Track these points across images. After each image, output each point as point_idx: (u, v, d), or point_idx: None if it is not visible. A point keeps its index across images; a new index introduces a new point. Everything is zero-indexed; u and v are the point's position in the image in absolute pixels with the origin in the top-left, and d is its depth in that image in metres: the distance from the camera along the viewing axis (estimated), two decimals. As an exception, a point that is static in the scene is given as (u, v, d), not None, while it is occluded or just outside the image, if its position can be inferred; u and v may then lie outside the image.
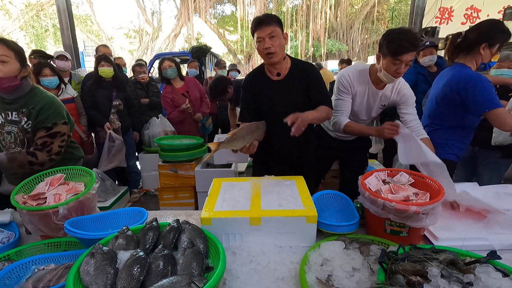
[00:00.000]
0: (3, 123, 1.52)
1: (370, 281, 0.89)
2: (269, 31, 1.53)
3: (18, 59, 1.46)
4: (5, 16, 15.81)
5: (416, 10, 4.98)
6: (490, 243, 1.12)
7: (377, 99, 1.82)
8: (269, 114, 1.68)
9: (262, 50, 1.58)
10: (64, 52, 3.40)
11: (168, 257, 0.89)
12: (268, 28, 1.53)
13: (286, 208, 1.16)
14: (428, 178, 1.24)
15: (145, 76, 3.88)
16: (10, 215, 1.37)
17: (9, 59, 1.42)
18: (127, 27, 21.90)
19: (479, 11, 5.28)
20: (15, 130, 1.52)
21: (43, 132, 1.51)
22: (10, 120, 1.51)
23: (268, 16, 1.56)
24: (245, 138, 1.44)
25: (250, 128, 1.46)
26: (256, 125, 1.49)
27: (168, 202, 3.03)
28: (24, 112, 1.51)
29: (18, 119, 1.51)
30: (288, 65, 1.69)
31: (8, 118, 1.51)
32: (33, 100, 1.53)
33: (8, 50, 1.41)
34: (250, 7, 15.23)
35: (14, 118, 1.51)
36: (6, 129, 1.52)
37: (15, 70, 1.45)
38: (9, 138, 1.53)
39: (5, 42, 1.42)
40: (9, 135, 1.52)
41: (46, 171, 1.42)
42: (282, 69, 1.68)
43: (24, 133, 1.53)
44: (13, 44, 1.46)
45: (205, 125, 3.61)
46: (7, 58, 1.41)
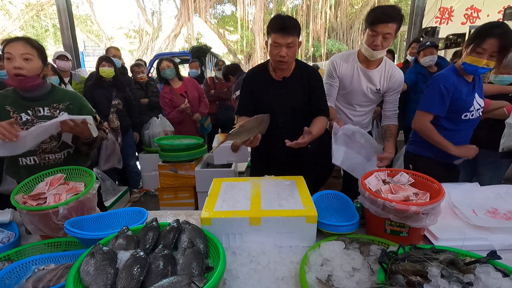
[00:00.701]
0: (32, 120, 1.53)
1: (370, 281, 0.89)
2: (289, 40, 1.50)
3: (40, 57, 1.49)
4: (5, 16, 15.79)
5: (416, 10, 4.98)
6: (490, 243, 1.12)
7: (368, 80, 1.85)
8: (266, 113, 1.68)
9: (276, 55, 1.55)
10: (64, 52, 3.40)
11: (168, 257, 0.89)
12: (290, 37, 1.49)
13: (286, 208, 1.16)
14: (428, 178, 1.24)
15: (143, 76, 3.88)
16: (10, 215, 1.37)
17: (33, 57, 1.44)
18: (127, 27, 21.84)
19: (479, 11, 5.27)
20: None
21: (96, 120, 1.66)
22: (41, 116, 1.54)
23: (293, 23, 1.51)
24: (250, 131, 1.44)
25: (257, 120, 1.46)
26: (262, 118, 1.48)
27: (168, 202, 3.03)
28: (57, 107, 1.58)
29: (51, 114, 1.56)
30: (293, 67, 1.69)
31: (39, 114, 1.54)
32: (65, 97, 1.62)
33: (31, 49, 1.44)
34: (250, 7, 15.22)
35: (46, 113, 1.55)
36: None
37: (38, 68, 1.48)
38: None
39: (28, 40, 1.46)
40: None
41: (46, 171, 1.42)
42: (287, 72, 1.68)
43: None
44: (35, 42, 1.49)
45: (203, 125, 3.61)
46: (30, 56, 1.43)
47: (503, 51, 1.52)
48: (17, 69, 1.40)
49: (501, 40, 1.49)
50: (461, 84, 1.71)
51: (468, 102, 1.72)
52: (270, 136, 1.66)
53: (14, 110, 1.51)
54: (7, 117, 1.45)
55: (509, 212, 1.29)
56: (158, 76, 3.32)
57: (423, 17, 5.09)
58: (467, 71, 1.65)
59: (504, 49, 1.51)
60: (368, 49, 1.72)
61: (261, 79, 1.72)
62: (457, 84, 1.70)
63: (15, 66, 1.40)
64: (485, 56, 1.54)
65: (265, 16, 14.87)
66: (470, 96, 1.73)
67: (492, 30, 1.51)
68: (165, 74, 3.24)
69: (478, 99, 1.77)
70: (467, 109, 1.73)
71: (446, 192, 1.15)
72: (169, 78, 3.27)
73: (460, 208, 1.32)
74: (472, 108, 1.74)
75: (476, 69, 1.59)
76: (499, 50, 1.51)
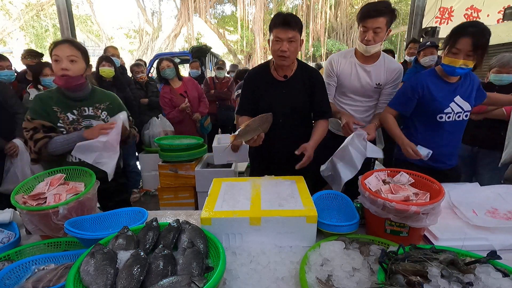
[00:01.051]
0: (78, 119, 1.60)
1: (370, 281, 0.89)
2: (290, 35, 1.51)
3: (84, 59, 1.56)
4: (5, 16, 15.78)
5: (416, 10, 4.97)
6: (490, 243, 1.12)
7: (368, 77, 1.87)
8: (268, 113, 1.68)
9: (277, 51, 1.56)
10: None
11: (168, 257, 0.89)
12: (291, 32, 1.51)
13: (286, 208, 1.16)
14: (428, 178, 1.24)
15: (143, 76, 3.88)
16: (10, 215, 1.37)
17: (77, 59, 1.51)
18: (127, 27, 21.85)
19: (479, 11, 5.27)
20: (95, 124, 1.62)
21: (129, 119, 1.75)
22: (86, 115, 1.62)
23: (294, 19, 1.53)
24: (256, 130, 1.46)
25: (262, 119, 1.47)
26: (266, 117, 1.49)
27: (168, 202, 3.03)
28: (99, 107, 1.66)
29: (94, 113, 1.63)
30: (295, 67, 1.70)
31: (85, 113, 1.61)
32: (104, 97, 1.70)
33: (76, 50, 1.51)
34: (250, 7, 15.22)
35: (90, 113, 1.63)
36: (85, 124, 1.61)
37: (82, 69, 1.55)
38: None
39: (72, 43, 1.53)
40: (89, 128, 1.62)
41: (46, 171, 1.42)
42: (289, 71, 1.69)
43: None
44: (79, 44, 1.56)
45: (203, 125, 3.61)
46: (75, 58, 1.50)
47: (478, 50, 1.48)
48: (63, 70, 1.48)
49: (474, 39, 1.46)
50: (438, 85, 1.67)
51: (443, 104, 1.66)
52: (271, 135, 1.66)
53: (61, 110, 1.57)
54: (55, 117, 1.55)
55: (509, 212, 1.29)
56: (158, 76, 3.33)
57: (423, 17, 5.08)
58: (447, 72, 1.61)
59: (479, 47, 1.47)
60: (361, 44, 1.76)
61: (262, 78, 1.72)
62: (429, 85, 1.67)
63: (62, 68, 1.48)
64: (461, 56, 1.50)
65: (265, 16, 14.88)
66: (447, 98, 1.67)
67: (465, 30, 1.48)
68: (165, 74, 3.24)
69: (461, 102, 1.67)
70: (441, 110, 1.67)
71: (446, 192, 1.16)
72: (169, 78, 3.28)
73: (460, 208, 1.32)
74: (448, 110, 1.67)
75: (453, 70, 1.55)
76: (474, 49, 1.47)
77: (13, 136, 2.54)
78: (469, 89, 1.70)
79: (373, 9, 1.65)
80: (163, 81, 3.34)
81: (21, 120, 2.60)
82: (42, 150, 1.50)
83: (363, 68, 1.86)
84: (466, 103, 1.68)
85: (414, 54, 3.60)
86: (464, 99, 1.67)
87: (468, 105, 1.69)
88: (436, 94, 1.66)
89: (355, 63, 1.88)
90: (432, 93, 1.67)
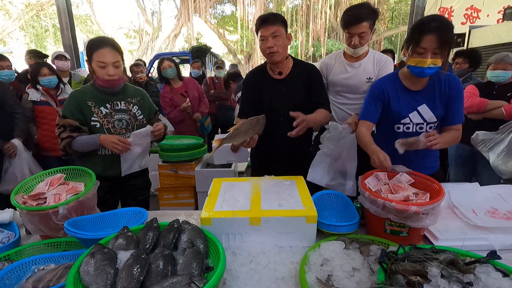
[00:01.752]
0: (110, 113, 1.67)
1: (370, 281, 0.89)
2: (272, 30, 1.55)
3: (123, 60, 1.63)
4: (5, 16, 15.78)
5: (416, 10, 4.98)
6: (490, 243, 1.12)
7: (357, 73, 1.90)
8: (268, 113, 1.68)
9: (265, 49, 1.60)
10: (63, 52, 3.40)
11: (168, 257, 0.89)
12: (272, 27, 1.55)
13: (286, 208, 1.16)
14: (428, 178, 1.24)
15: (142, 76, 3.88)
16: (10, 215, 1.37)
17: (120, 63, 1.60)
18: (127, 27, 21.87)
19: (479, 11, 5.28)
20: (127, 117, 1.70)
21: (156, 115, 1.89)
22: (119, 109, 1.69)
23: (273, 15, 1.58)
24: (246, 133, 1.45)
25: (252, 122, 1.47)
26: (257, 119, 1.49)
27: (168, 202, 3.03)
28: (131, 101, 1.73)
29: (126, 107, 1.70)
30: (290, 65, 1.72)
31: (117, 107, 1.68)
32: (136, 93, 1.78)
33: (118, 55, 1.58)
34: (250, 7, 15.22)
35: (123, 107, 1.70)
36: (117, 117, 1.68)
37: (122, 71, 1.65)
38: (121, 124, 1.69)
39: (114, 46, 1.57)
40: (121, 122, 1.69)
41: (46, 171, 1.42)
42: (284, 68, 1.70)
43: (135, 119, 1.74)
44: (118, 46, 1.61)
45: (204, 125, 3.61)
46: (119, 63, 1.59)
47: (445, 46, 1.31)
48: (110, 76, 1.56)
49: (439, 35, 1.28)
50: (398, 91, 1.52)
51: (400, 114, 1.51)
52: (272, 134, 1.66)
53: (95, 105, 1.63)
54: (89, 112, 1.62)
55: (509, 212, 1.29)
56: (159, 75, 3.33)
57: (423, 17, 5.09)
58: (415, 74, 1.41)
59: (446, 44, 1.31)
60: (349, 48, 1.83)
61: (261, 79, 1.74)
62: (389, 91, 1.52)
63: (109, 74, 1.56)
64: (427, 55, 1.32)
65: (265, 16, 14.86)
66: (407, 107, 1.50)
67: (427, 26, 1.31)
68: (166, 73, 3.25)
69: (425, 112, 1.48)
70: (397, 120, 1.52)
71: (446, 192, 1.16)
72: (170, 77, 3.29)
73: (460, 208, 1.32)
74: (406, 121, 1.50)
75: (422, 71, 1.36)
76: (440, 45, 1.30)
77: (11, 136, 2.54)
78: (440, 96, 1.47)
79: (356, 16, 1.70)
80: (164, 81, 3.35)
81: (19, 120, 2.62)
82: (66, 148, 1.58)
83: (352, 66, 1.91)
84: (430, 113, 1.47)
85: None
86: (430, 108, 1.47)
87: (433, 117, 1.47)
88: (395, 102, 1.52)
89: (344, 63, 1.93)
90: (393, 99, 1.52)
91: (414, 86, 1.50)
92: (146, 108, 1.79)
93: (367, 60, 1.89)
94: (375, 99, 1.56)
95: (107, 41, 1.55)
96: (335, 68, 1.95)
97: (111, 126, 1.66)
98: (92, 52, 1.54)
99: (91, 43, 1.56)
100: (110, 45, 1.54)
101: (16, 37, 16.55)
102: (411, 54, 1.39)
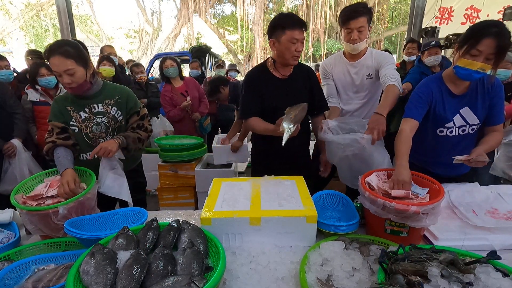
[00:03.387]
0: (89, 117, 1.62)
1: (370, 281, 0.89)
2: (303, 36, 1.58)
3: (81, 64, 1.49)
4: (5, 16, 15.78)
5: (416, 10, 4.97)
6: (490, 243, 1.12)
7: (358, 72, 1.93)
8: (272, 112, 1.68)
9: (293, 51, 1.58)
10: None
11: (168, 257, 0.89)
12: (303, 32, 1.58)
13: (286, 208, 1.16)
14: (428, 178, 1.24)
15: (143, 76, 3.89)
16: (10, 215, 1.37)
17: (74, 69, 1.46)
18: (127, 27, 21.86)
19: (479, 11, 5.28)
20: (105, 121, 1.64)
21: (136, 117, 1.71)
22: (97, 112, 1.63)
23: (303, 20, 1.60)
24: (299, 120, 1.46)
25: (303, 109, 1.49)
26: (302, 106, 1.50)
27: (168, 202, 3.03)
28: (109, 103, 1.65)
29: (104, 110, 1.64)
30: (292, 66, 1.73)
31: (95, 110, 1.63)
32: (115, 92, 1.68)
33: (69, 61, 1.44)
34: (250, 7, 15.22)
35: (100, 109, 1.63)
36: (95, 121, 1.63)
37: (83, 75, 1.52)
38: (100, 129, 1.64)
39: (63, 53, 1.43)
40: (99, 126, 1.64)
41: (44, 171, 1.42)
42: (288, 69, 1.73)
43: (115, 122, 1.66)
44: (70, 51, 1.45)
45: (203, 125, 3.62)
46: (71, 71, 1.45)
47: (500, 52, 1.31)
48: (66, 84, 1.48)
49: (498, 40, 1.28)
50: (443, 94, 1.51)
51: (444, 118, 1.51)
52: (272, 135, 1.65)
53: (74, 110, 1.61)
54: (69, 116, 1.60)
55: (509, 212, 1.29)
56: (161, 74, 3.35)
57: (423, 17, 5.08)
58: (460, 75, 1.41)
59: (502, 50, 1.30)
60: (348, 44, 1.84)
61: (264, 78, 1.73)
62: (435, 94, 1.51)
63: (64, 82, 1.48)
64: (480, 58, 1.32)
65: (265, 16, 14.87)
66: (451, 111, 1.50)
67: (488, 30, 1.30)
68: (169, 72, 3.27)
69: (467, 115, 1.50)
70: (441, 124, 1.53)
71: (446, 192, 1.16)
72: (172, 76, 3.31)
73: (460, 208, 1.32)
74: (450, 125, 1.52)
75: (470, 73, 1.36)
76: (497, 51, 1.30)
77: (11, 137, 2.54)
78: (482, 99, 1.49)
79: (353, 11, 1.75)
80: (165, 80, 3.37)
81: (19, 120, 2.61)
82: (48, 152, 1.55)
83: (352, 65, 1.94)
84: (473, 115, 1.49)
85: (412, 54, 3.59)
86: (473, 111, 1.49)
87: (475, 119, 1.50)
88: (440, 106, 1.51)
89: (345, 63, 1.96)
90: (439, 102, 1.51)
91: (457, 90, 1.50)
92: (125, 106, 1.68)
93: (366, 58, 1.91)
94: (422, 100, 1.52)
95: (57, 48, 1.43)
96: (337, 67, 1.98)
97: (89, 131, 1.62)
98: (48, 61, 1.47)
99: (45, 51, 1.50)
100: (59, 53, 1.43)
101: (16, 37, 16.56)
102: (463, 55, 1.37)
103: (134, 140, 1.64)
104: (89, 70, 1.55)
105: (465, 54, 1.36)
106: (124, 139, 1.60)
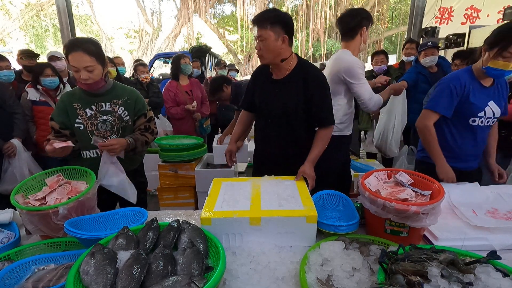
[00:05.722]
0: (95, 114, 1.64)
1: (370, 281, 0.89)
2: (259, 33, 1.48)
3: (99, 62, 1.55)
4: (5, 16, 15.78)
5: (416, 10, 4.98)
6: (490, 243, 1.12)
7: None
8: (260, 112, 1.70)
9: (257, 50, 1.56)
10: (55, 52, 3.32)
11: (168, 257, 0.89)
12: (259, 30, 1.48)
13: (286, 208, 1.16)
14: (428, 178, 1.24)
15: (147, 76, 3.91)
16: (10, 215, 1.37)
17: (94, 66, 1.52)
18: (127, 27, 21.82)
19: (479, 11, 5.28)
20: (111, 119, 1.67)
21: (143, 119, 1.75)
22: (103, 110, 1.65)
23: (263, 16, 1.47)
24: None
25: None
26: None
27: (168, 202, 3.03)
28: (117, 102, 1.68)
29: (111, 109, 1.66)
30: (292, 67, 1.59)
31: (102, 108, 1.65)
32: (123, 92, 1.72)
33: (90, 58, 1.49)
34: (250, 7, 15.23)
35: (108, 108, 1.66)
36: (101, 119, 1.65)
37: (100, 73, 1.57)
38: (105, 127, 1.66)
39: (86, 49, 1.48)
40: (104, 124, 1.66)
41: (45, 171, 1.42)
42: (282, 70, 1.60)
43: (120, 121, 1.69)
44: (92, 48, 1.51)
45: (203, 125, 3.63)
46: (92, 67, 1.51)
47: None
48: (84, 80, 1.51)
49: None
50: (474, 87, 1.63)
51: (478, 107, 1.63)
52: (262, 136, 1.65)
53: (81, 107, 1.63)
54: (74, 114, 1.62)
55: (509, 212, 1.29)
56: (173, 71, 3.47)
57: (423, 17, 5.09)
58: (491, 75, 1.56)
59: None
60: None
61: (262, 76, 1.72)
62: (468, 86, 1.62)
63: (82, 78, 1.51)
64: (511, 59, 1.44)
65: (265, 16, 14.85)
66: (482, 102, 1.63)
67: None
68: (186, 68, 3.42)
69: (494, 107, 1.65)
70: (475, 114, 1.64)
71: (446, 192, 1.16)
72: (187, 73, 3.48)
73: (460, 208, 1.32)
74: (481, 114, 1.64)
75: (502, 73, 1.51)
76: None
77: (11, 136, 2.54)
78: (501, 94, 1.68)
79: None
80: (173, 77, 3.47)
81: (19, 120, 2.62)
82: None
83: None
84: (498, 109, 1.65)
85: (411, 54, 3.59)
86: (498, 104, 1.65)
87: (499, 111, 1.66)
88: (474, 96, 1.62)
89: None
90: (471, 94, 1.61)
91: (486, 83, 1.65)
92: (133, 107, 1.72)
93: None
94: (453, 92, 1.61)
95: (80, 44, 1.48)
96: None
97: (95, 128, 1.64)
98: (67, 55, 1.50)
99: (66, 45, 1.53)
100: (82, 49, 1.47)
101: (16, 37, 16.56)
102: (495, 57, 1.47)
103: (142, 143, 1.69)
104: (105, 68, 1.61)
105: (497, 56, 1.47)
106: (133, 141, 1.63)
